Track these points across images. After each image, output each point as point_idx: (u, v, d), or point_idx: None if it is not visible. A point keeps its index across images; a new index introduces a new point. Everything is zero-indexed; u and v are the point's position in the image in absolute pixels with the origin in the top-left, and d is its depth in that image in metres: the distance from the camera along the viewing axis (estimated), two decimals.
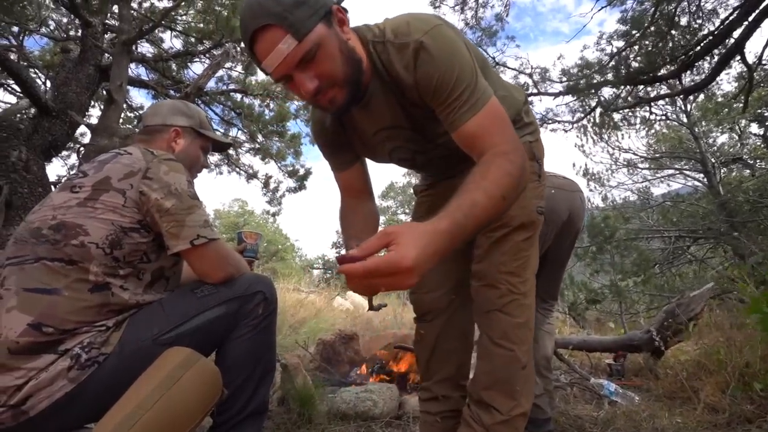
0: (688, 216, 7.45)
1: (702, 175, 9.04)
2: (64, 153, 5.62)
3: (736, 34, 3.90)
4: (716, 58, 4.45)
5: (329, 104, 0.79)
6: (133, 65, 5.20)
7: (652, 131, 9.82)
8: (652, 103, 6.34)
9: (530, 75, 5.84)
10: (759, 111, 7.16)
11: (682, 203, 7.76)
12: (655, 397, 2.03)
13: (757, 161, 8.39)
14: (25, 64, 4.62)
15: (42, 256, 0.83)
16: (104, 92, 3.83)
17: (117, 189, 0.89)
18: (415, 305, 1.15)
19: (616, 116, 6.60)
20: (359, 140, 1.00)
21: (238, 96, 6.06)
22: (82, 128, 4.49)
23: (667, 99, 7.49)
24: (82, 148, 4.48)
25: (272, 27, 0.69)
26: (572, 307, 4.92)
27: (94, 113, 5.16)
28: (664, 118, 9.06)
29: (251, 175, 6.90)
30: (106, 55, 3.99)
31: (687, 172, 9.62)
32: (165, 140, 1.10)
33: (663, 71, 4.89)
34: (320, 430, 1.51)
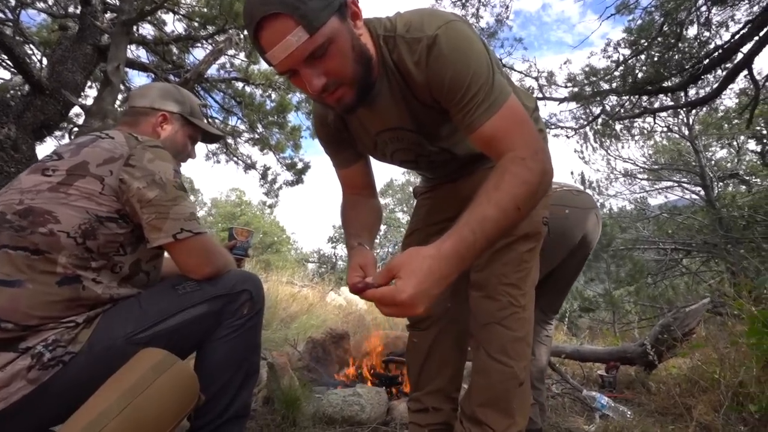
0: (684, 229, 7.46)
1: (699, 188, 9.05)
2: (58, 133, 5.52)
3: (745, 49, 3.86)
4: (724, 72, 4.41)
5: (336, 103, 0.74)
6: (133, 47, 5.10)
7: (652, 142, 9.83)
8: (656, 114, 6.31)
9: (536, 78, 5.80)
10: (757, 128, 7.16)
11: (679, 216, 7.77)
12: (647, 412, 2.00)
13: (753, 177, 8.41)
14: (21, 39, 4.50)
15: (4, 244, 0.76)
16: (101, 73, 3.73)
17: (94, 175, 0.83)
18: None
19: (618, 126, 6.58)
20: (361, 139, 0.95)
21: (240, 84, 5.97)
22: (78, 109, 4.39)
23: (669, 111, 7.47)
24: (76, 129, 4.39)
25: (282, 16, 0.63)
26: (566, 316, 4.91)
27: (92, 94, 5.06)
28: (666, 130, 9.06)
29: (249, 166, 6.83)
30: (106, 35, 3.90)
31: (685, 185, 9.63)
32: (150, 124, 1.03)
33: (668, 83, 4.86)
34: None
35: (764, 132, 7.31)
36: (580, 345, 3.39)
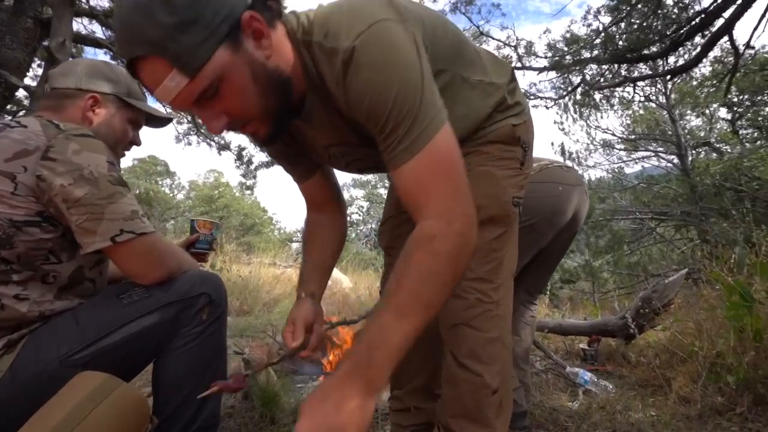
0: (660, 197, 7.63)
1: (674, 157, 9.23)
2: (8, 118, 5.11)
3: (727, 13, 3.81)
4: (704, 39, 4.37)
5: (252, 137, 0.65)
6: (86, 21, 4.68)
7: (630, 112, 9.91)
8: (635, 84, 6.30)
9: (515, 48, 5.67)
10: (729, 96, 7.24)
11: (656, 185, 7.91)
12: (628, 385, 2.03)
13: (724, 145, 8.60)
14: None
15: None
16: (46, 50, 3.41)
17: (3, 172, 0.70)
18: None
19: (598, 95, 6.56)
20: (314, 149, 0.83)
21: None
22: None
23: (648, 80, 7.49)
24: (23, 113, 4.05)
25: (152, 58, 0.52)
26: (548, 288, 5.00)
27: (40, 74, 4.65)
28: (644, 99, 9.12)
29: (223, 147, 6.54)
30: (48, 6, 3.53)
31: (661, 154, 9.80)
32: (78, 108, 0.88)
33: (648, 51, 4.81)
34: (285, 431, 1.41)
35: (735, 100, 7.43)
36: (562, 319, 3.45)
